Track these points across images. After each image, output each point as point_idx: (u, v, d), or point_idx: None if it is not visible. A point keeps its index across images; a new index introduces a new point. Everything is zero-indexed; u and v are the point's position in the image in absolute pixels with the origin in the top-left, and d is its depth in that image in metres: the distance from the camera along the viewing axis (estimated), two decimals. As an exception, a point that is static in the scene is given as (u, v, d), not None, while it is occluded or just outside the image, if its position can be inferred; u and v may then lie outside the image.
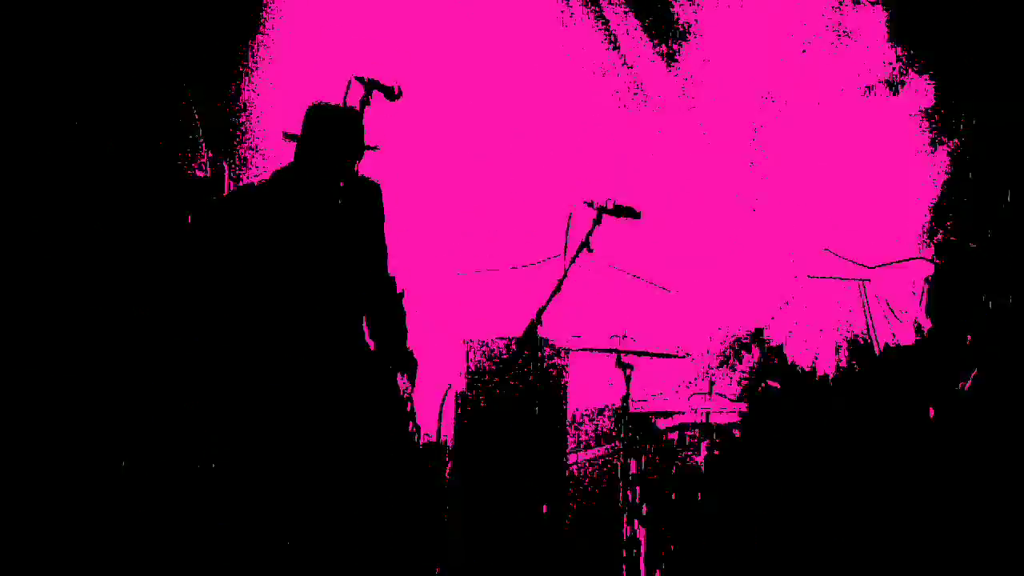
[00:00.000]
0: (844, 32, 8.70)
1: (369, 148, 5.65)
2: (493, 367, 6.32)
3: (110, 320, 6.33)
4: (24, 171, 6.64)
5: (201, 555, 5.62)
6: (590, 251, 6.18)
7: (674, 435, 6.86)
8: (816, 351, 8.23)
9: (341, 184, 5.55)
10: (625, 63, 8.74)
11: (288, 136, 5.89)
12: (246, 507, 5.34)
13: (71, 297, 6.40)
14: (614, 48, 8.79)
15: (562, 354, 6.49)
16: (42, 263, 6.48)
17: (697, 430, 6.80)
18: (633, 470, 6.76)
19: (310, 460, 5.33)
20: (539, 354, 6.34)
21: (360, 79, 5.86)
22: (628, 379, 6.79)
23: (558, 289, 6.06)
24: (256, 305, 5.47)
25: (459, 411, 6.43)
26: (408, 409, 5.56)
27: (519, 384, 6.37)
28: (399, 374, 5.58)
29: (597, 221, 6.23)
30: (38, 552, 5.84)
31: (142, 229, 6.63)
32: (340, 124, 5.60)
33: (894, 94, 8.60)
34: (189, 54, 7.57)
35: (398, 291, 5.81)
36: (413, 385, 5.63)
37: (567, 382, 6.58)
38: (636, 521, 6.76)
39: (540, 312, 6.04)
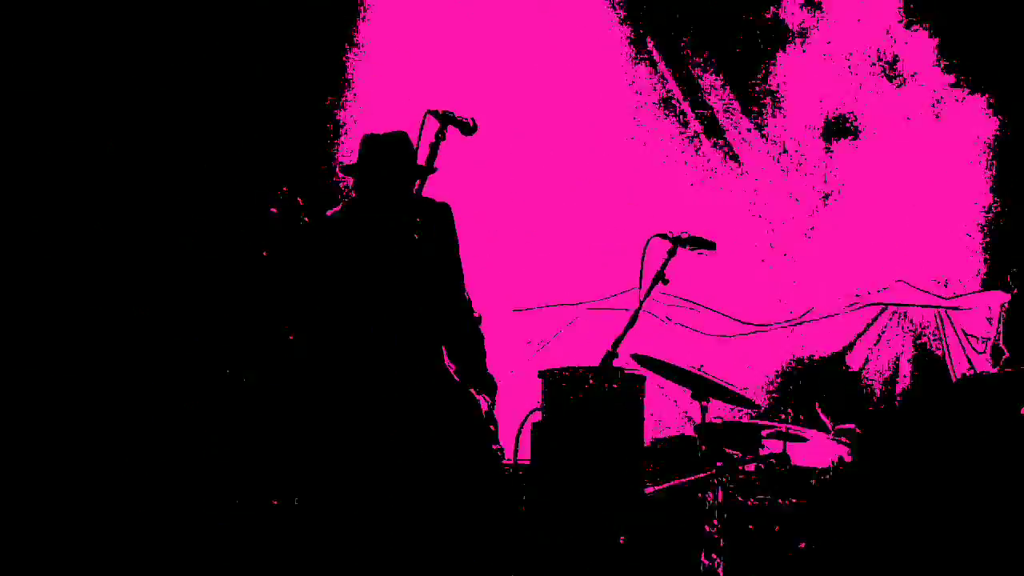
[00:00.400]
0: (895, 63, 8.70)
1: (427, 169, 5.69)
2: (570, 398, 6.32)
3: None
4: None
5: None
6: (665, 283, 6.19)
7: (751, 467, 6.82)
8: (893, 379, 8.19)
9: (403, 206, 5.61)
10: (696, 100, 8.77)
11: (345, 168, 6.00)
12: (333, 521, 5.39)
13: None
14: (683, 84, 8.82)
15: (638, 385, 6.48)
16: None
17: (774, 459, 6.76)
18: (711, 501, 6.72)
19: (393, 478, 5.37)
20: (616, 385, 6.34)
21: (435, 113, 5.90)
22: (704, 410, 6.77)
23: (634, 320, 6.07)
24: (338, 330, 5.54)
25: (536, 442, 6.43)
26: (490, 428, 5.60)
27: (596, 414, 6.36)
28: (480, 395, 5.62)
29: (672, 253, 6.25)
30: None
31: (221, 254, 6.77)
32: (387, 148, 5.69)
33: (953, 123, 8.59)
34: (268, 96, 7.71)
35: (475, 315, 5.87)
36: (493, 405, 5.68)
37: (643, 413, 6.57)
38: (714, 554, 6.72)
39: (616, 343, 6.05)
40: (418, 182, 5.47)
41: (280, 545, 5.73)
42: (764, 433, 6.98)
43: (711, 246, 6.25)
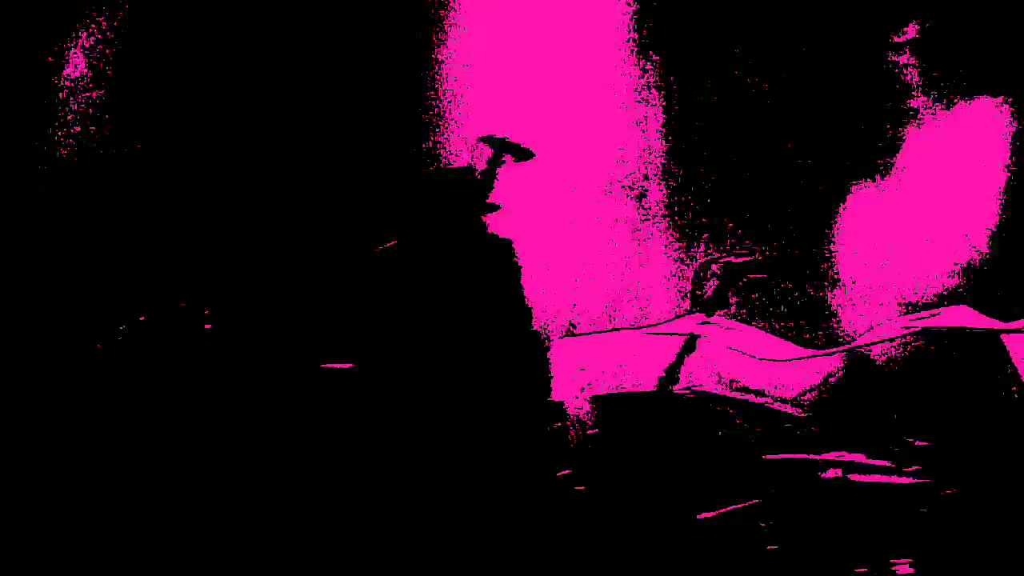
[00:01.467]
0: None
1: (491, 208, 5.72)
2: (626, 424, 6.33)
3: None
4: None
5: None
6: (722, 307, 6.19)
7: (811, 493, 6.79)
8: (957, 402, 8.11)
9: (458, 243, 5.65)
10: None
11: (403, 201, 6.03)
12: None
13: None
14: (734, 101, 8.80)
15: (695, 410, 6.48)
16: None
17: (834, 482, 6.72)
18: (765, 527, 6.70)
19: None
20: (672, 410, 6.34)
21: (489, 139, 5.93)
22: (758, 435, 6.73)
23: (692, 345, 6.07)
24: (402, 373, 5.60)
25: (590, 470, 6.44)
26: (560, 457, 5.64)
27: (653, 440, 6.37)
28: (549, 424, 5.65)
29: (732, 278, 6.25)
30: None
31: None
32: (444, 187, 5.72)
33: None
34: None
35: (543, 344, 5.89)
36: (566, 435, 5.71)
37: (698, 438, 6.57)
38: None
39: (674, 367, 6.05)
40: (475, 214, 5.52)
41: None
42: (825, 459, 6.95)
43: (768, 271, 6.24)
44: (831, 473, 6.83)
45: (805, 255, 8.56)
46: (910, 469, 6.69)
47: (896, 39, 8.45)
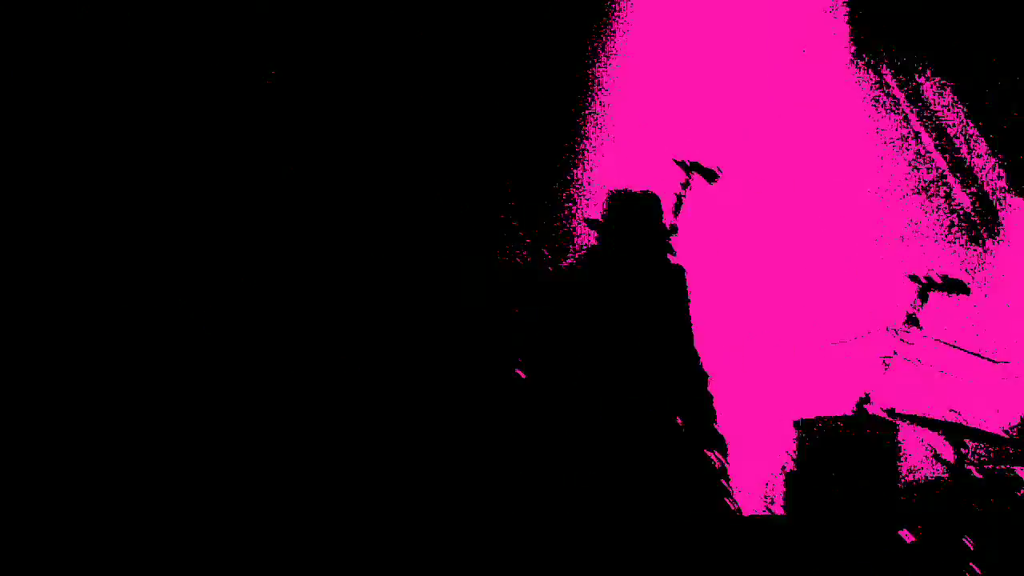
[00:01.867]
0: None
1: (668, 231, 5.75)
2: (824, 448, 6.28)
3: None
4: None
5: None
6: (919, 328, 6.10)
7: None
8: None
9: (640, 265, 5.68)
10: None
11: (589, 222, 6.08)
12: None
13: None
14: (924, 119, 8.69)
15: (893, 433, 6.39)
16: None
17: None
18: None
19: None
20: (869, 433, 6.27)
21: (680, 162, 5.97)
22: (962, 456, 6.61)
23: (886, 365, 6.00)
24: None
25: (788, 491, 6.41)
26: (722, 484, 5.61)
27: (850, 464, 6.31)
28: (711, 452, 5.64)
29: (923, 296, 6.15)
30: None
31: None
32: (633, 207, 5.75)
33: None
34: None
35: (705, 372, 5.88)
36: (726, 462, 5.67)
37: (899, 460, 6.49)
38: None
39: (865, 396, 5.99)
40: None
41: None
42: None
43: (965, 290, 6.13)
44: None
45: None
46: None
47: None
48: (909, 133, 8.64)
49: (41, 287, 6.32)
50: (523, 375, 5.84)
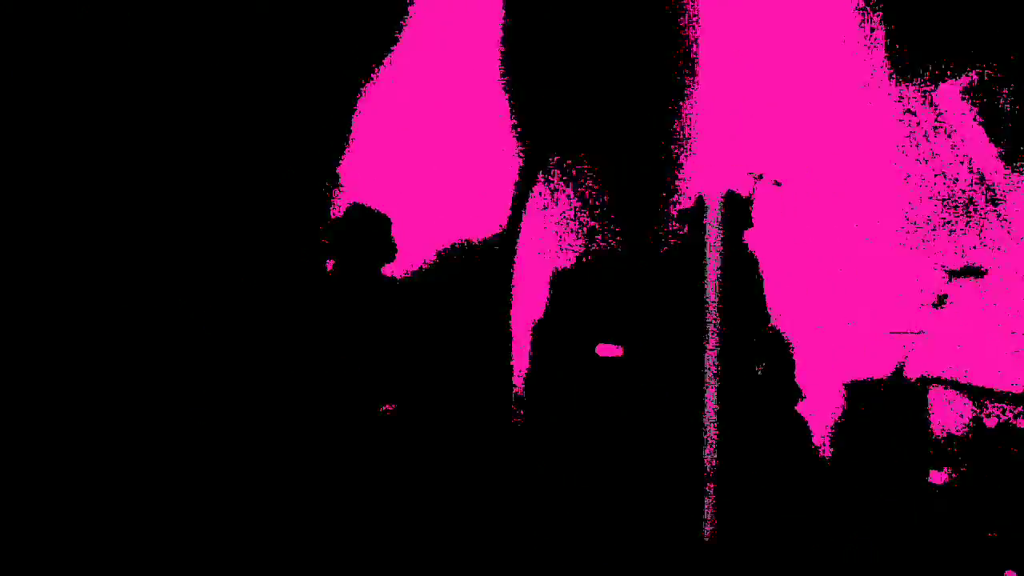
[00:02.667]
0: None
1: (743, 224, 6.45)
2: (869, 403, 6.94)
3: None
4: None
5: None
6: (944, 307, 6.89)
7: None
8: None
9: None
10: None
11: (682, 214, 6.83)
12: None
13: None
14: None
15: (924, 396, 6.92)
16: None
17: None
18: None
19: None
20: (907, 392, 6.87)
21: (751, 174, 6.82)
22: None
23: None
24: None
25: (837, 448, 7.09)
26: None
27: (889, 418, 6.94)
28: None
29: (949, 279, 6.95)
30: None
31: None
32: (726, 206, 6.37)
33: None
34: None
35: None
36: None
37: (929, 415, 6.96)
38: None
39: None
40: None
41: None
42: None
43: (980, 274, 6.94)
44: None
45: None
46: None
47: None
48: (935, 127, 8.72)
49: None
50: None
